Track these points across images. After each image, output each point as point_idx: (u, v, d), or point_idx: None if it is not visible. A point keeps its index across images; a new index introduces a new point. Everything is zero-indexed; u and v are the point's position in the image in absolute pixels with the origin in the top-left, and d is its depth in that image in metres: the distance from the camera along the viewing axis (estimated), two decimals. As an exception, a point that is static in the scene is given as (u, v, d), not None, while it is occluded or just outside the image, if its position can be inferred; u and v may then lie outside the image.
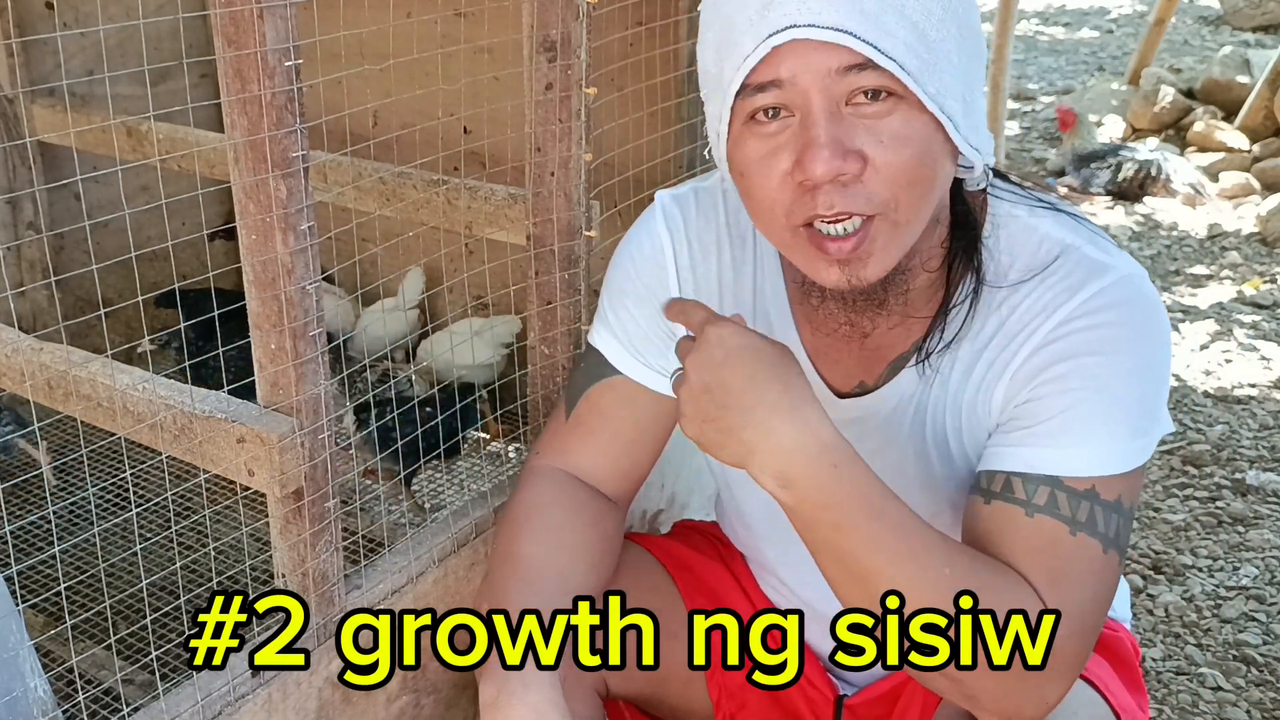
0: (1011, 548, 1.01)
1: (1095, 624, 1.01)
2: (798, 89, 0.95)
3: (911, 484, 1.16)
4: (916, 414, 1.14)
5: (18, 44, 2.12)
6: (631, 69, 1.81)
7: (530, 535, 1.20)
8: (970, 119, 0.98)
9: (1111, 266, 1.04)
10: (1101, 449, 1.01)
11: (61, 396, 1.22)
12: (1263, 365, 3.28)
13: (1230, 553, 2.41)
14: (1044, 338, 1.04)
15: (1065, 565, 1.00)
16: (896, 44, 0.92)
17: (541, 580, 1.16)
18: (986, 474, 1.06)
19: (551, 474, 1.27)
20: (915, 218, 0.99)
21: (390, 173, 1.70)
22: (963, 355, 1.10)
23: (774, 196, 0.99)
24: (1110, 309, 1.03)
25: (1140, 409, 1.03)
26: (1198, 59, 6.10)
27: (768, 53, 0.94)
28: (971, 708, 1.02)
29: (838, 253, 0.98)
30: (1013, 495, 1.02)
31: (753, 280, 1.20)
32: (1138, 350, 1.03)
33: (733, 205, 1.21)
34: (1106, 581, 1.02)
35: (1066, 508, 1.01)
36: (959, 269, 1.09)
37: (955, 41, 0.95)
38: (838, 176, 0.95)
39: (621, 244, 1.28)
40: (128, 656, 1.57)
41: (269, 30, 1.02)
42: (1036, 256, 1.07)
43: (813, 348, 1.18)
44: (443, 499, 1.96)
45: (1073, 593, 1.00)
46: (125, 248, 1.22)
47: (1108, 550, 1.01)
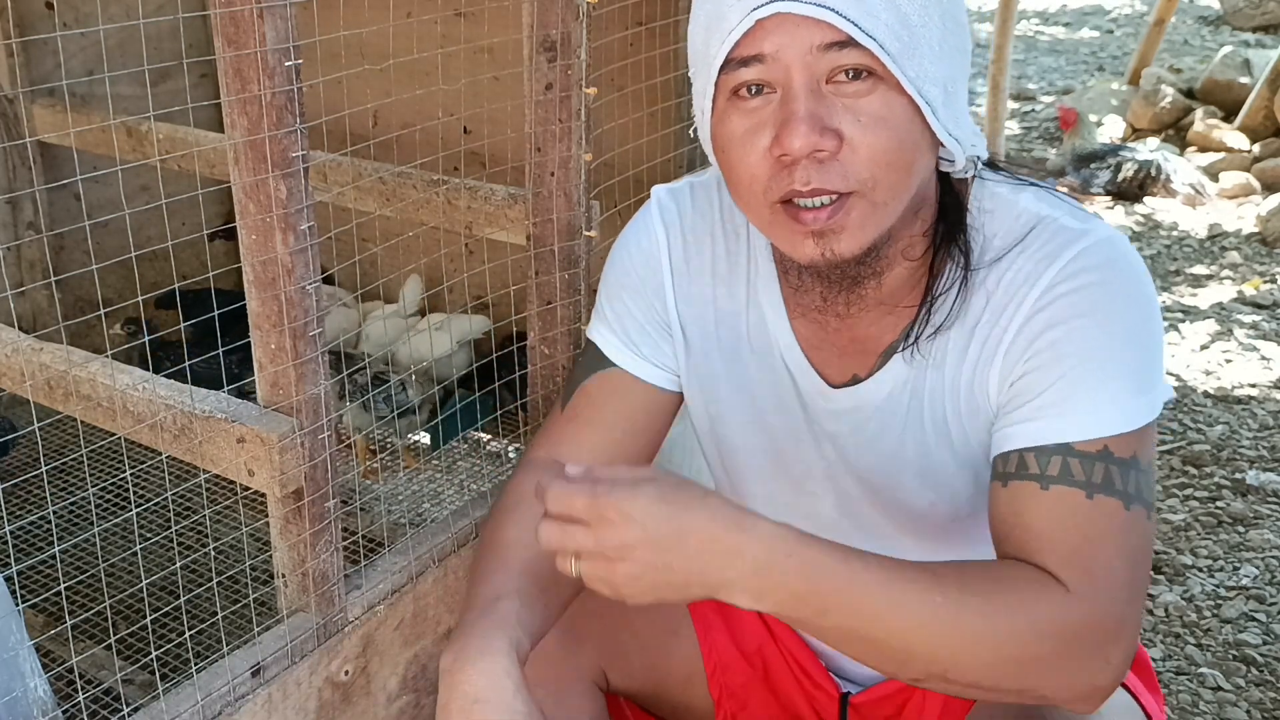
0: (1032, 524, 1.01)
1: (1130, 580, 0.99)
2: (780, 64, 0.97)
3: (908, 470, 1.16)
4: (913, 400, 1.14)
5: (18, 44, 2.12)
6: (631, 69, 1.81)
7: (515, 521, 1.19)
8: (951, 109, 1.00)
9: (1088, 231, 1.05)
10: (1107, 409, 1.01)
11: (61, 396, 1.22)
12: (1263, 365, 3.28)
13: (1230, 553, 2.41)
14: (1031, 308, 1.04)
15: (1086, 532, 0.99)
16: (878, 24, 0.94)
17: (521, 564, 1.15)
18: (1001, 456, 1.05)
19: (544, 464, 1.27)
20: (893, 199, 1.00)
21: (390, 173, 1.70)
22: (955, 338, 1.10)
23: (754, 172, 1.01)
24: (1091, 270, 1.03)
25: (1138, 364, 1.02)
26: (1198, 59, 6.10)
27: (751, 26, 0.96)
28: (1038, 701, 1.01)
29: (813, 222, 0.99)
30: (1027, 471, 1.02)
31: (746, 274, 1.21)
32: (1125, 307, 1.03)
33: (727, 200, 1.21)
34: (1135, 538, 1.00)
35: (1081, 472, 1.00)
36: (943, 258, 1.09)
37: (937, 30, 0.97)
38: (814, 152, 0.96)
39: (619, 239, 1.28)
40: (128, 656, 1.57)
41: (269, 30, 1.02)
42: (1014, 230, 1.08)
43: (805, 340, 1.18)
44: (443, 499, 1.96)
45: (1098, 558, 0.99)
46: (125, 248, 1.22)
47: (1131, 506, 1.00)
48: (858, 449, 1.18)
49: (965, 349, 1.09)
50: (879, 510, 1.20)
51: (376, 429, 2.09)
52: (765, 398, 1.22)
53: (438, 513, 1.81)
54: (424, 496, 1.98)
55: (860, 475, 1.19)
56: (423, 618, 1.38)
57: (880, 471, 1.18)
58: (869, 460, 1.18)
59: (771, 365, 1.20)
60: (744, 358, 1.22)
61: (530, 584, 1.12)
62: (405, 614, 1.35)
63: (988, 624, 0.96)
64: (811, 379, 1.18)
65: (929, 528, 1.20)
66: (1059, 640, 0.97)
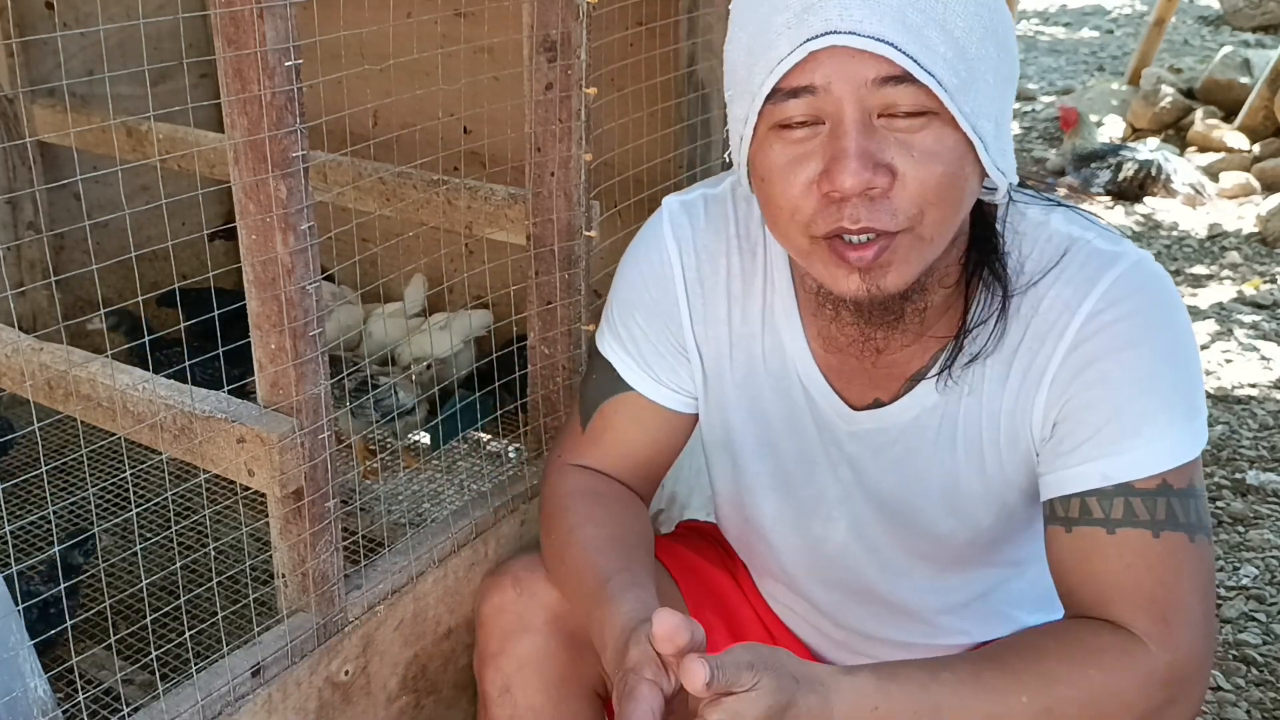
0: (1102, 573, 1.01)
1: (1204, 615, 1.00)
2: (831, 97, 0.92)
3: (932, 495, 1.14)
4: (943, 426, 1.12)
5: (18, 44, 2.12)
6: (631, 69, 1.81)
7: (574, 521, 1.21)
8: (1000, 142, 0.97)
9: (1121, 254, 1.04)
10: (1164, 441, 1.00)
11: (61, 396, 1.22)
12: (1263, 365, 3.28)
13: (1230, 553, 2.41)
14: (1075, 336, 1.02)
15: (1159, 574, 0.99)
16: (936, 59, 0.90)
17: (623, 541, 1.18)
18: (1061, 501, 1.04)
19: (582, 470, 1.29)
20: (939, 235, 0.97)
21: (390, 173, 1.70)
22: (992, 365, 1.08)
23: (796, 204, 0.97)
24: (1131, 297, 1.02)
25: (1185, 391, 1.02)
26: (1198, 59, 6.10)
27: (803, 57, 0.92)
28: None
29: (858, 261, 0.96)
30: (1091, 517, 1.01)
31: (762, 294, 1.18)
32: (1168, 333, 1.02)
33: (743, 215, 1.19)
34: (1204, 569, 1.01)
35: (1145, 511, 0.99)
36: (977, 284, 1.07)
37: (993, 62, 0.94)
38: (866, 190, 0.93)
39: (629, 251, 1.26)
40: (128, 656, 1.57)
41: (269, 30, 1.02)
42: (1046, 253, 1.06)
43: (824, 363, 1.16)
44: (442, 498, 1.96)
45: (1173, 601, 0.99)
46: (125, 248, 1.22)
47: (1195, 538, 1.00)
48: (879, 471, 1.16)
49: (1005, 377, 1.07)
50: (894, 534, 1.19)
51: (374, 430, 2.08)
52: (778, 421, 1.20)
53: (438, 513, 1.81)
54: (424, 496, 1.97)
55: (879, 498, 1.18)
56: (423, 618, 1.38)
57: (901, 495, 1.16)
58: (890, 483, 1.16)
59: (787, 389, 1.19)
60: (758, 380, 1.20)
61: (621, 564, 1.14)
62: (405, 614, 1.35)
63: (1077, 712, 0.96)
64: (831, 401, 1.16)
65: (944, 553, 1.19)
66: (1146, 702, 0.97)
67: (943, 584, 1.22)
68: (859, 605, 1.26)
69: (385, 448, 2.13)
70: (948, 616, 1.24)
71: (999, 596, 1.24)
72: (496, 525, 1.47)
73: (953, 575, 1.21)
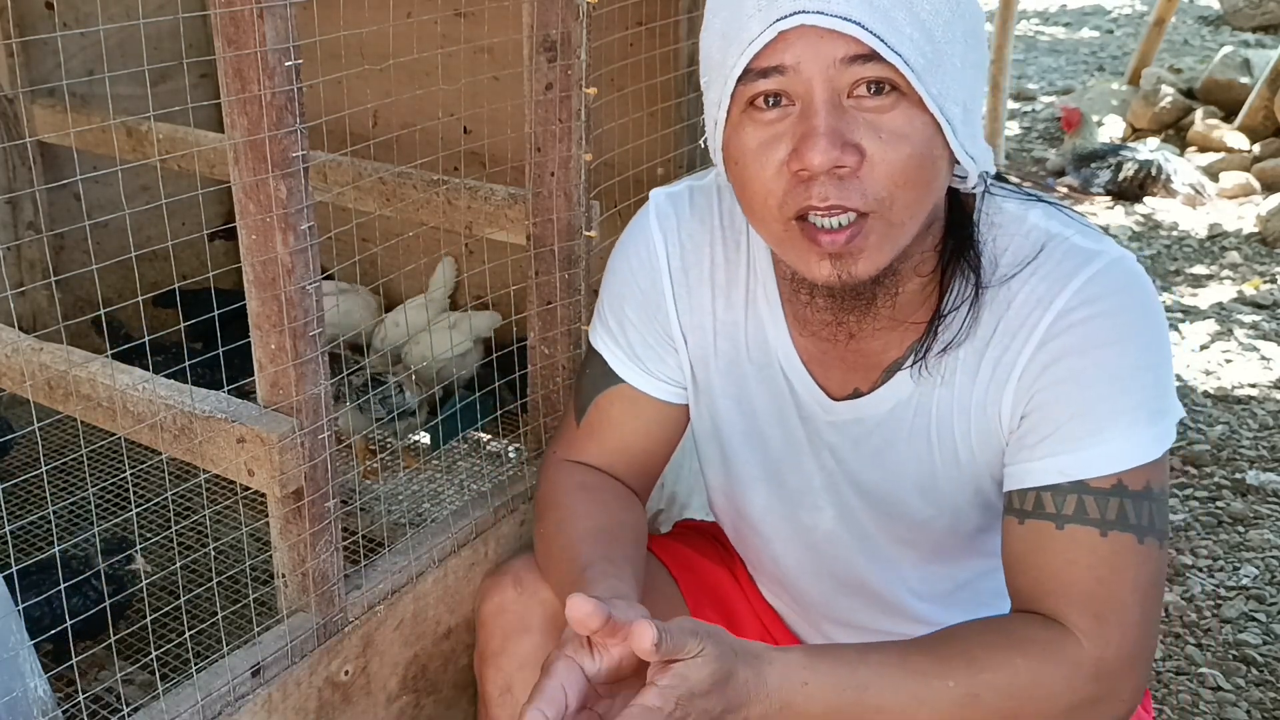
0: (1046, 565, 1.02)
1: (1141, 616, 1.01)
2: (801, 76, 0.94)
3: (910, 485, 1.16)
4: (918, 417, 1.13)
5: (18, 44, 2.12)
6: (631, 69, 1.81)
7: (563, 515, 1.22)
8: (968, 127, 0.98)
9: (1099, 252, 1.04)
10: (1124, 442, 1.01)
11: (61, 396, 1.22)
12: (1263, 365, 3.28)
13: (1230, 553, 2.41)
14: (1045, 332, 1.03)
15: (1099, 573, 1.00)
16: (903, 39, 0.92)
17: (616, 534, 1.19)
18: (1019, 494, 1.05)
19: (577, 465, 1.29)
20: (910, 219, 0.99)
21: (390, 173, 1.70)
22: (964, 357, 1.09)
23: (769, 186, 0.98)
24: (1106, 297, 1.02)
25: (1152, 393, 1.02)
26: (1198, 59, 6.11)
27: (773, 38, 0.94)
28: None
29: (830, 245, 0.97)
30: (1043, 511, 1.03)
31: (745, 284, 1.20)
32: (1141, 335, 1.02)
33: (727, 205, 1.21)
34: (1147, 572, 1.01)
35: (1095, 510, 1.00)
36: (952, 273, 1.08)
37: (960, 46, 0.95)
38: (834, 168, 0.94)
39: (618, 244, 1.27)
40: (128, 656, 1.57)
41: (269, 30, 1.02)
42: (1024, 247, 1.07)
43: (805, 352, 1.17)
44: (442, 498, 1.96)
45: (1110, 599, 1.00)
46: (125, 248, 1.22)
47: (1144, 540, 1.01)
48: (859, 462, 1.17)
49: (976, 369, 1.08)
50: (879, 522, 1.20)
51: (376, 429, 2.09)
52: (763, 409, 1.21)
53: (438, 513, 1.81)
54: (424, 496, 1.97)
55: (862, 488, 1.19)
56: (423, 618, 1.38)
57: (882, 485, 1.17)
58: (871, 474, 1.17)
59: (770, 377, 1.20)
60: (743, 369, 1.21)
61: (601, 552, 1.14)
62: (405, 614, 1.35)
63: (1001, 700, 0.98)
64: (812, 390, 1.17)
65: (928, 541, 1.20)
66: (1073, 694, 0.99)
67: (929, 572, 1.23)
68: (850, 597, 1.27)
69: (385, 448, 2.13)
70: (935, 607, 1.25)
71: (985, 588, 1.24)
72: (496, 525, 1.47)
73: (938, 564, 1.22)
